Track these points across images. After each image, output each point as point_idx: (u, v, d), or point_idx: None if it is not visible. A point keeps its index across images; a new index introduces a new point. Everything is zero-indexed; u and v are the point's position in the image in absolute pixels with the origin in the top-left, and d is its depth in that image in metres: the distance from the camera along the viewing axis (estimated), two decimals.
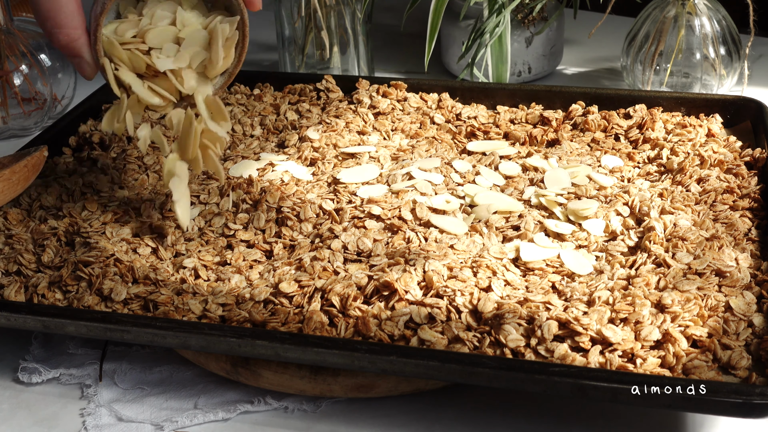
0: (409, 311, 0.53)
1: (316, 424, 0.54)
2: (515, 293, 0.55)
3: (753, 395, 0.45)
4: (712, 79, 0.87)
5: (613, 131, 0.76)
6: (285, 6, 0.94)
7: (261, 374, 0.54)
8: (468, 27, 0.91)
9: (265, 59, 1.09)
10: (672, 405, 0.46)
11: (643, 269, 0.56)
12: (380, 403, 0.55)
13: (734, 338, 0.51)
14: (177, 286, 0.58)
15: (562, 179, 0.68)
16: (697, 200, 0.64)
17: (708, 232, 0.60)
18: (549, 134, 0.76)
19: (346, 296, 0.55)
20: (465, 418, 0.53)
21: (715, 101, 0.77)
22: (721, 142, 0.72)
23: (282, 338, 0.51)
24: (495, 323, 0.52)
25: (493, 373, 0.48)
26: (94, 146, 0.77)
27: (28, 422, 0.55)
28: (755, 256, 0.58)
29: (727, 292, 0.54)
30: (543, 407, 0.54)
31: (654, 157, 0.71)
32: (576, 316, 0.51)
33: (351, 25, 0.94)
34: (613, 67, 1.00)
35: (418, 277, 0.56)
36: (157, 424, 0.54)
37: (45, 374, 0.58)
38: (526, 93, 0.81)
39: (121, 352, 0.59)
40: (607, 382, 0.46)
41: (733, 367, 0.49)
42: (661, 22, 0.86)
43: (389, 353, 0.49)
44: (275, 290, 0.56)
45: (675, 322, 0.52)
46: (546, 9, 0.93)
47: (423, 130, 0.78)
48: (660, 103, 0.77)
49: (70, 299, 0.58)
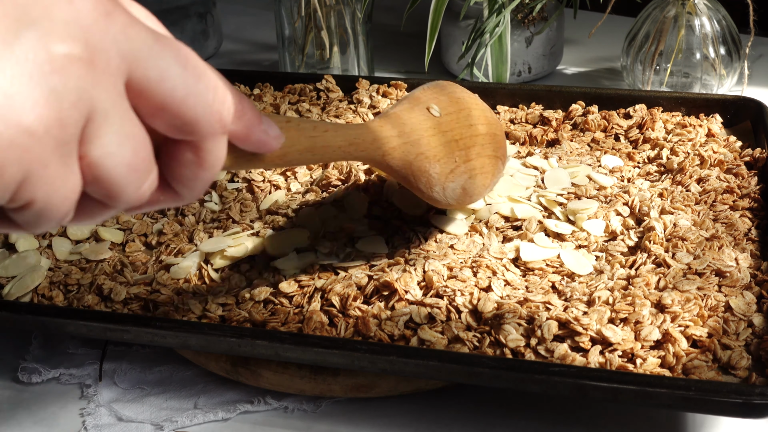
0: (409, 311, 0.53)
1: (316, 424, 0.54)
2: (515, 293, 0.55)
3: (753, 395, 0.45)
4: (712, 79, 0.87)
5: (613, 131, 0.76)
6: (285, 6, 0.94)
7: (261, 374, 0.54)
8: (468, 27, 0.91)
9: (265, 59, 1.09)
10: (672, 405, 0.46)
11: (643, 269, 0.56)
12: (380, 403, 0.55)
13: (734, 338, 0.51)
14: (177, 285, 0.58)
15: (562, 179, 0.68)
16: (697, 200, 0.64)
17: (708, 232, 0.60)
18: (549, 134, 0.76)
19: (346, 296, 0.55)
20: (465, 418, 0.53)
21: (715, 101, 0.77)
22: (721, 142, 0.72)
23: (282, 338, 0.51)
24: (495, 323, 0.52)
25: (493, 373, 0.48)
26: None
27: (28, 422, 0.55)
28: (755, 256, 0.58)
29: (727, 292, 0.54)
30: (543, 407, 0.54)
31: (654, 157, 0.71)
32: (576, 316, 0.51)
33: (351, 25, 0.94)
34: (613, 67, 1.00)
35: (418, 277, 0.56)
36: (157, 424, 0.54)
37: (45, 374, 0.58)
38: (526, 93, 0.81)
39: (121, 352, 0.59)
40: (607, 382, 0.46)
41: (733, 367, 0.49)
42: (661, 22, 0.86)
43: (389, 353, 0.49)
44: (275, 290, 0.56)
45: (675, 322, 0.52)
46: (546, 9, 0.93)
47: None
48: (660, 103, 0.77)
49: (70, 299, 0.58)
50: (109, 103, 0.28)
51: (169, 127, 0.31)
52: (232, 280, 0.59)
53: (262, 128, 0.37)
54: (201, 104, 0.31)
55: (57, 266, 0.62)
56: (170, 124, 0.30)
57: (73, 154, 0.27)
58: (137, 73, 0.29)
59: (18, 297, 0.58)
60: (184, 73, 0.30)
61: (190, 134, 0.31)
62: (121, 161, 0.29)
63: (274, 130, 0.38)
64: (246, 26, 1.20)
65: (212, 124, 0.31)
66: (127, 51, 0.28)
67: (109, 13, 0.28)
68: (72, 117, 0.27)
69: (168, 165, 0.32)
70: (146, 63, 0.29)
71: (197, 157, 0.32)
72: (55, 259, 0.62)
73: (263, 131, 0.37)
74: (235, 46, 1.14)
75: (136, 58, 0.29)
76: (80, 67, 0.27)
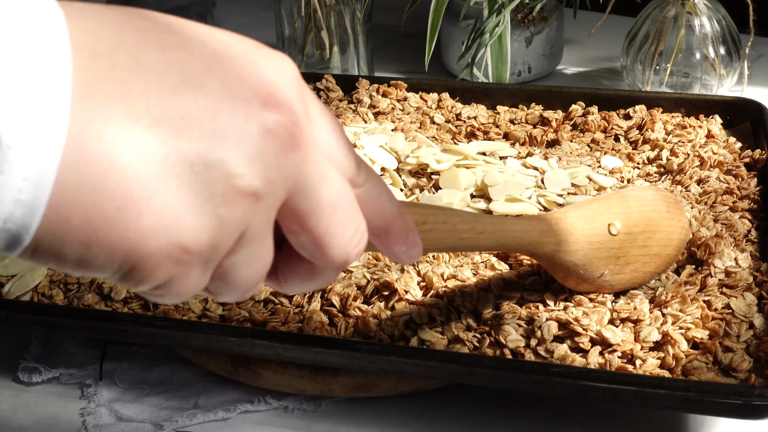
0: (409, 311, 0.53)
1: (316, 423, 0.54)
2: (515, 293, 0.55)
3: (752, 396, 0.45)
4: (712, 79, 0.87)
5: (612, 132, 0.76)
6: (285, 6, 0.94)
7: (261, 374, 0.54)
8: (468, 27, 0.91)
9: None
10: (672, 406, 0.46)
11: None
12: (380, 403, 0.55)
13: (735, 340, 0.51)
14: None
15: (561, 180, 0.68)
16: (697, 201, 0.64)
17: (708, 232, 0.60)
18: (549, 134, 0.76)
19: (346, 296, 0.55)
20: (465, 418, 0.53)
21: (715, 102, 0.77)
22: (721, 143, 0.72)
23: (282, 338, 0.51)
24: (495, 323, 0.52)
25: (492, 374, 0.48)
26: None
27: (28, 422, 0.55)
28: (755, 257, 0.58)
29: (728, 293, 0.54)
30: (543, 407, 0.54)
31: (654, 158, 0.71)
32: (576, 317, 0.51)
33: (351, 25, 0.94)
34: (613, 67, 1.00)
35: (418, 277, 0.56)
36: (157, 423, 0.54)
37: (45, 374, 0.58)
38: (526, 93, 0.81)
39: (121, 351, 0.59)
40: (606, 382, 0.46)
41: (734, 369, 0.49)
42: (661, 22, 0.86)
43: (389, 353, 0.49)
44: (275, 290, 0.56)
45: (675, 324, 0.52)
46: (546, 9, 0.93)
47: (423, 130, 0.78)
48: (660, 103, 0.77)
49: (70, 298, 0.58)
50: (259, 231, 0.29)
51: (298, 246, 0.32)
52: None
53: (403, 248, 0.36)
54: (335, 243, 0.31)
55: None
56: (301, 245, 0.31)
57: (213, 267, 0.29)
58: (291, 202, 0.30)
59: (18, 296, 0.58)
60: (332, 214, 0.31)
61: (315, 259, 0.32)
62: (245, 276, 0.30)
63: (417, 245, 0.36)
64: (246, 26, 1.20)
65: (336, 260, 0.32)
66: (293, 186, 0.29)
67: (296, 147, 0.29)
68: (227, 243, 0.28)
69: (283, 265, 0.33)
70: (302, 197, 0.30)
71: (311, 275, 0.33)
72: None
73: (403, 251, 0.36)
74: None
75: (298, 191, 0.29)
76: (250, 201, 0.27)
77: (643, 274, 0.54)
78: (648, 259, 0.54)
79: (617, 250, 0.53)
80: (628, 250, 0.53)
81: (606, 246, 0.52)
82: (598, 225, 0.52)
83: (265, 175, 0.27)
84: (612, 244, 0.52)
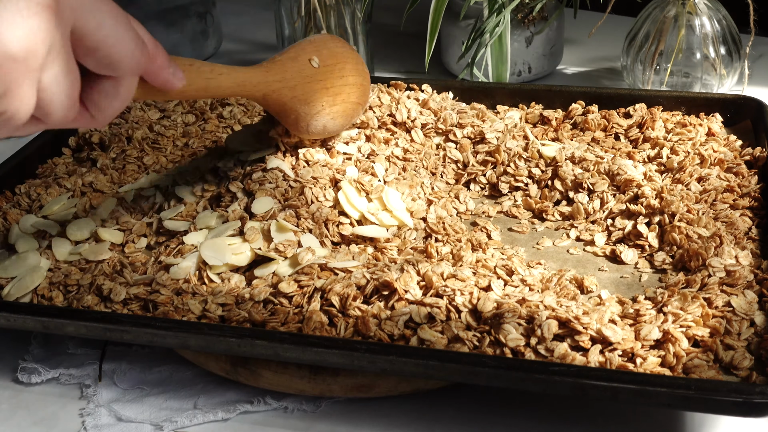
0: (408, 311, 0.53)
1: (315, 424, 0.54)
2: (515, 292, 0.55)
3: (753, 394, 0.45)
4: (713, 79, 0.87)
5: (613, 130, 0.76)
6: (285, 6, 0.94)
7: (261, 374, 0.54)
8: (468, 27, 0.91)
9: (264, 59, 1.08)
10: (672, 404, 0.46)
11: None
12: (380, 403, 0.55)
13: (736, 338, 0.51)
14: (177, 286, 0.58)
15: None
16: (698, 199, 0.64)
17: (709, 230, 0.60)
18: (549, 134, 0.76)
19: (345, 296, 0.55)
20: (465, 418, 0.53)
21: (716, 100, 0.76)
22: (722, 141, 0.72)
23: (281, 338, 0.51)
24: (495, 323, 0.52)
25: (493, 373, 0.48)
26: (93, 147, 0.77)
27: (27, 422, 0.55)
28: (756, 255, 0.58)
29: (729, 291, 0.54)
30: (543, 407, 0.54)
31: (654, 156, 0.71)
32: (576, 315, 0.51)
33: (351, 25, 0.94)
34: (613, 66, 1.00)
35: (417, 277, 0.56)
36: (157, 424, 0.54)
37: (44, 374, 0.58)
38: (526, 93, 0.81)
39: (121, 352, 0.59)
40: (607, 381, 0.46)
41: (735, 367, 0.49)
42: (661, 22, 0.86)
43: (389, 353, 0.49)
44: (275, 290, 0.56)
45: (676, 322, 0.51)
46: (546, 9, 0.93)
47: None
48: (660, 102, 0.77)
49: (69, 300, 0.58)
50: (60, 43, 0.38)
51: (97, 65, 0.42)
52: (231, 281, 0.59)
53: (169, 71, 0.48)
54: (125, 50, 0.42)
55: (57, 267, 0.62)
56: (99, 62, 0.41)
57: (36, 78, 0.38)
58: (80, 23, 0.39)
59: (18, 297, 0.58)
60: (115, 25, 0.41)
61: (113, 72, 0.42)
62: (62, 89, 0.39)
63: (179, 72, 0.49)
64: (246, 26, 1.20)
65: (131, 65, 0.43)
66: (76, 5, 0.39)
67: None
68: (41, 50, 0.37)
69: (89, 94, 0.43)
70: (88, 15, 0.40)
71: (115, 90, 0.44)
72: (54, 259, 0.62)
73: (170, 73, 0.48)
74: (234, 45, 1.14)
75: (82, 11, 0.39)
76: (49, 14, 0.37)
77: (352, 105, 0.66)
78: (350, 89, 0.66)
79: (324, 81, 0.64)
80: (333, 81, 0.64)
81: (315, 78, 0.63)
82: (301, 63, 0.63)
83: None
84: (318, 76, 0.63)
